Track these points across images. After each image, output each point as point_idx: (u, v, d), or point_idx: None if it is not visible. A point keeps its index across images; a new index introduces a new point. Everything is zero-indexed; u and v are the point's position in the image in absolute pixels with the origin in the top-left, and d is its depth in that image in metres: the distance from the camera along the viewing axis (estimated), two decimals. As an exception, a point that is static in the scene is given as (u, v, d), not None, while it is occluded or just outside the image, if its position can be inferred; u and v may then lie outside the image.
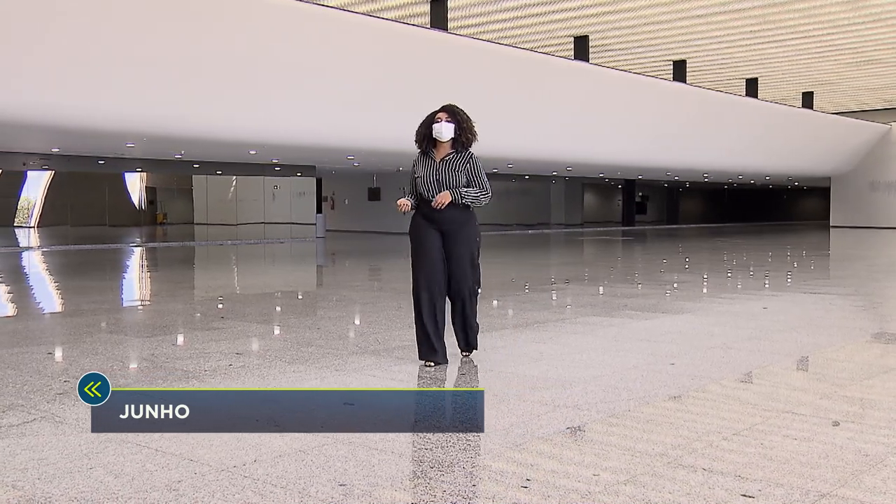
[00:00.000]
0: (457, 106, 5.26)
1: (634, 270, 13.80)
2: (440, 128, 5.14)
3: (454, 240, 5.12)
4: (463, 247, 5.14)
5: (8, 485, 2.93)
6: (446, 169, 5.15)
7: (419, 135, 5.26)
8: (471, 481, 2.99)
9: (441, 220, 5.12)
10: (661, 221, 43.62)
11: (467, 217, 5.18)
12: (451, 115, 5.19)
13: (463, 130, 5.18)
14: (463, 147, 5.22)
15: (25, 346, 5.90)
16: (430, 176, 5.17)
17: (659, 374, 4.90)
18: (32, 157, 20.12)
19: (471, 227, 5.19)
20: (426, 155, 5.24)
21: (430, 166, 5.19)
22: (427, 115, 5.30)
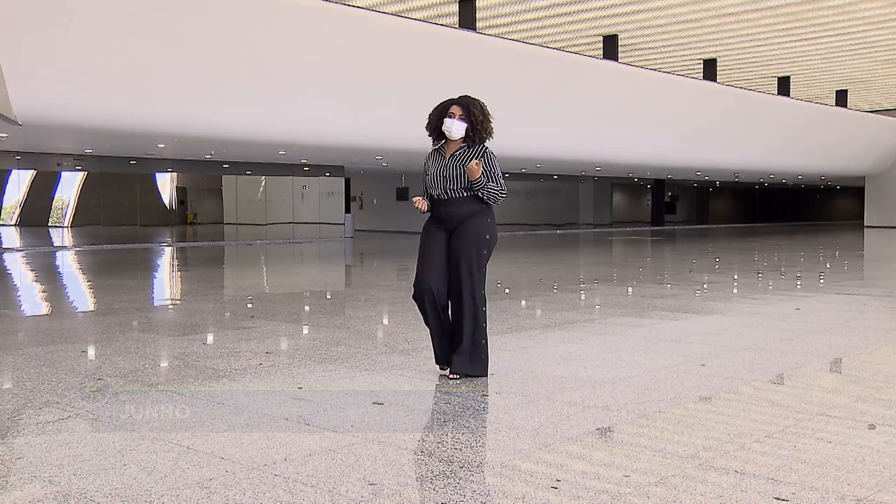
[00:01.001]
0: (474, 100, 4.76)
1: (664, 271, 13.70)
2: (451, 125, 4.69)
3: (458, 235, 4.66)
4: (467, 244, 4.63)
5: (45, 480, 2.97)
6: (456, 164, 4.69)
7: (431, 125, 4.82)
8: (500, 482, 2.99)
9: (449, 217, 4.70)
10: (690, 221, 43.26)
11: (479, 211, 4.69)
12: (465, 111, 4.70)
13: (476, 131, 4.71)
14: (474, 142, 4.76)
15: (60, 345, 5.99)
16: (439, 173, 4.73)
17: (689, 375, 4.86)
18: (66, 158, 20.42)
19: (480, 224, 4.68)
20: (437, 151, 4.85)
21: (440, 162, 4.77)
22: (441, 103, 4.82)
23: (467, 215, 4.66)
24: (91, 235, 21.51)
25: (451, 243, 4.67)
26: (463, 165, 4.64)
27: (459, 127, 4.67)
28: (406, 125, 16.57)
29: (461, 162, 4.67)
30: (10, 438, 3.56)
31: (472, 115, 4.68)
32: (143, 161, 21.26)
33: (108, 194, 22.51)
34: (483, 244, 4.65)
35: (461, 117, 4.67)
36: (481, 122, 4.70)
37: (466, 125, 4.68)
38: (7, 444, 3.49)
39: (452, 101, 4.76)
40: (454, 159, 4.72)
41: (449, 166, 4.71)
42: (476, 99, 4.75)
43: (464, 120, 4.68)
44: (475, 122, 4.68)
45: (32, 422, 3.79)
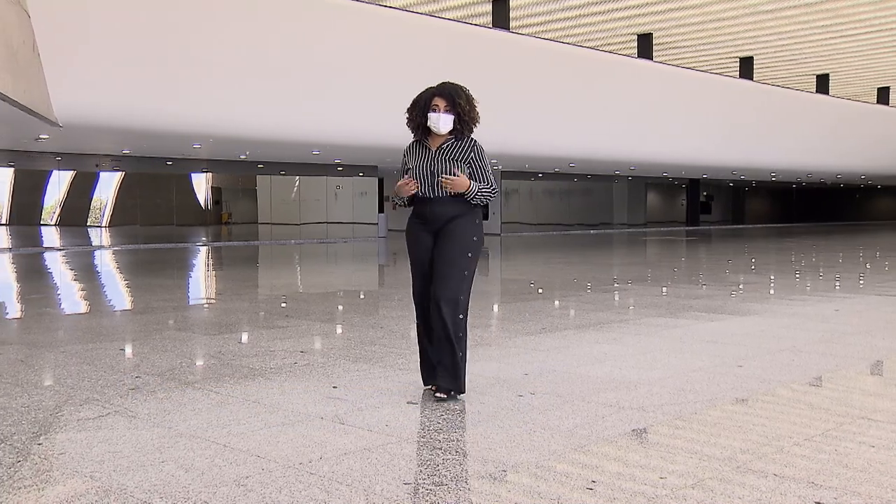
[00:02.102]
0: (456, 87, 4.30)
1: (699, 271, 13.57)
2: (437, 120, 4.23)
3: (445, 237, 4.24)
4: (452, 244, 4.20)
5: (86, 475, 3.02)
6: (444, 159, 4.26)
7: (413, 123, 4.34)
8: (535, 482, 2.97)
9: (434, 217, 4.26)
10: (726, 221, 42.80)
11: (466, 212, 4.26)
12: (449, 102, 4.24)
13: (464, 122, 4.27)
14: (462, 134, 4.33)
15: (99, 343, 6.08)
16: (424, 168, 4.28)
17: (725, 376, 4.80)
18: (104, 159, 20.73)
19: (468, 225, 4.25)
20: (419, 143, 4.38)
21: (424, 156, 4.31)
22: (419, 96, 4.33)
23: (455, 215, 4.25)
24: (128, 235, 21.82)
25: (436, 244, 4.25)
26: (451, 160, 4.25)
27: (447, 121, 4.24)
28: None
29: (450, 157, 4.26)
30: (52, 434, 3.63)
31: (458, 106, 4.24)
32: (179, 161, 21.52)
33: (144, 194, 22.82)
34: (471, 247, 4.24)
35: (447, 109, 4.23)
36: (468, 111, 4.26)
37: (453, 117, 4.25)
38: (50, 439, 3.55)
39: (433, 91, 4.29)
40: (441, 154, 4.28)
41: (436, 161, 4.27)
42: (458, 85, 4.31)
43: (450, 112, 4.24)
44: (462, 112, 4.24)
45: (73, 418, 3.85)
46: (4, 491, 2.87)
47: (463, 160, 4.28)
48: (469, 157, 4.29)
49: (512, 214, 29.10)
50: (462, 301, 4.19)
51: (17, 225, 21.27)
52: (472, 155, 4.30)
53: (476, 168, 4.29)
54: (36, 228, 21.72)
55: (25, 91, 9.63)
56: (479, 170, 4.30)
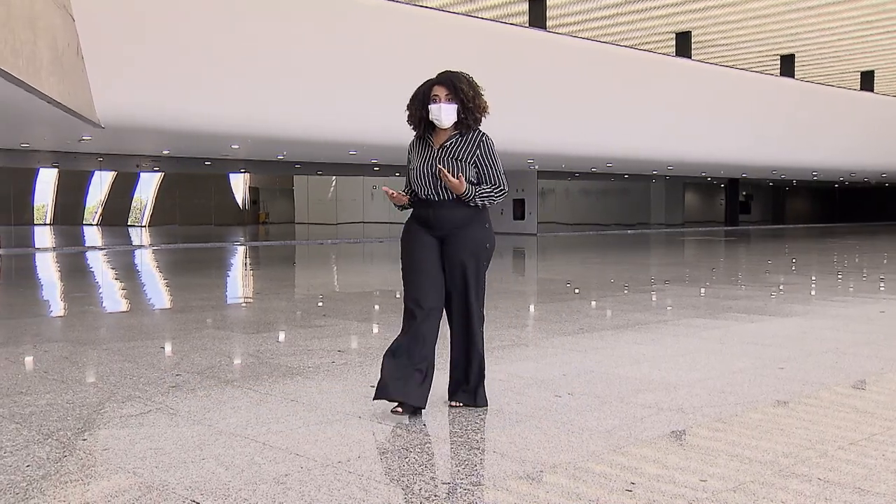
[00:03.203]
0: (458, 74, 3.92)
1: (738, 271, 13.40)
2: (438, 111, 3.84)
3: (455, 245, 3.89)
4: (465, 253, 3.88)
5: (129, 471, 3.07)
6: (447, 158, 3.89)
7: (413, 118, 3.97)
8: (574, 483, 2.96)
9: (440, 223, 3.90)
10: (766, 221, 42.22)
11: (474, 217, 3.91)
12: (451, 90, 3.85)
13: (468, 111, 3.86)
14: (468, 127, 3.92)
15: (140, 341, 6.17)
16: (426, 168, 3.91)
17: (767, 378, 4.73)
18: (145, 160, 21.04)
19: (478, 230, 3.92)
20: (422, 139, 4.01)
21: (427, 154, 3.94)
22: (419, 88, 3.95)
23: (462, 221, 3.88)
24: (167, 235, 22.12)
25: (445, 252, 3.90)
26: (455, 161, 3.86)
27: (449, 111, 3.84)
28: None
29: (454, 155, 3.87)
30: (96, 430, 3.69)
31: (461, 93, 3.84)
32: (218, 162, 21.77)
33: (183, 194, 23.12)
34: (484, 254, 3.93)
35: (448, 98, 3.83)
36: (472, 98, 3.86)
37: (457, 106, 3.85)
38: (94, 435, 3.61)
39: (431, 81, 3.92)
40: (445, 152, 3.89)
41: (438, 161, 3.89)
42: (459, 72, 3.93)
43: (452, 101, 3.84)
44: (465, 100, 3.84)
45: (116, 415, 3.91)
46: (52, 485, 2.93)
47: (468, 160, 3.88)
48: (475, 155, 3.89)
49: (548, 214, 28.99)
50: (481, 312, 3.99)
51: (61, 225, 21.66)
52: (478, 152, 3.89)
53: (484, 167, 3.90)
54: (78, 228, 22.11)
55: (70, 93, 9.81)
56: (487, 169, 3.91)
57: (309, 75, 14.38)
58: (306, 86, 14.49)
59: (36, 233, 21.30)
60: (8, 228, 19.80)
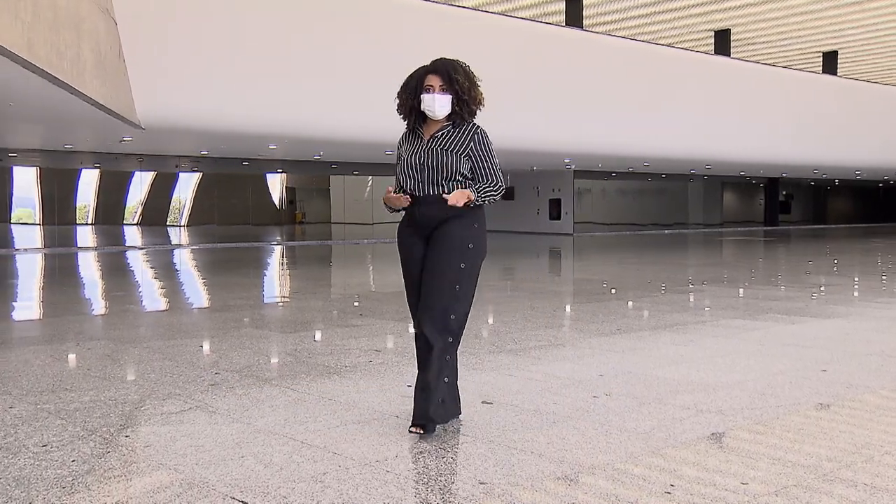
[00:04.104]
0: (454, 62, 3.65)
1: (777, 272, 13.21)
2: (431, 102, 3.56)
3: (435, 244, 3.57)
4: (441, 253, 3.53)
5: (170, 468, 3.11)
6: (437, 149, 3.57)
7: (405, 108, 3.69)
8: (612, 485, 2.93)
9: (424, 219, 3.59)
10: (806, 221, 41.55)
11: (460, 213, 3.55)
12: (446, 80, 3.57)
13: (464, 103, 3.59)
14: (462, 119, 3.63)
15: (179, 339, 6.25)
16: (414, 160, 3.60)
17: (809, 380, 4.66)
18: (184, 160, 21.30)
19: (462, 230, 3.55)
20: (413, 131, 3.71)
21: (417, 146, 3.64)
22: (410, 76, 3.68)
23: (447, 217, 3.55)
24: (205, 234, 22.37)
25: (426, 254, 3.61)
26: (445, 152, 3.56)
27: (443, 102, 3.57)
28: (512, 124, 16.55)
29: (446, 146, 3.58)
30: (137, 427, 3.74)
31: (456, 83, 3.57)
32: (255, 162, 21.98)
33: (221, 194, 23.36)
34: (464, 256, 3.53)
35: (442, 89, 3.57)
36: (468, 89, 3.59)
37: (451, 97, 3.58)
38: (136, 431, 3.67)
39: (426, 69, 3.64)
40: (435, 142, 3.60)
41: (427, 153, 3.58)
42: (455, 60, 3.67)
43: (446, 91, 3.57)
44: (461, 90, 3.57)
45: (157, 412, 3.96)
46: (96, 480, 2.98)
47: (460, 152, 3.57)
48: (468, 148, 3.58)
49: (584, 214, 28.82)
50: (452, 322, 3.52)
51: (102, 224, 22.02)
52: (471, 144, 3.58)
53: (478, 161, 3.58)
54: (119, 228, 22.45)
55: (112, 95, 9.97)
56: (481, 163, 3.59)
57: (345, 76, 14.45)
58: (342, 86, 14.56)
59: (78, 232, 21.67)
60: (52, 228, 20.17)
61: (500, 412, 3.95)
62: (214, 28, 13.00)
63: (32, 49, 6.43)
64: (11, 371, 4.97)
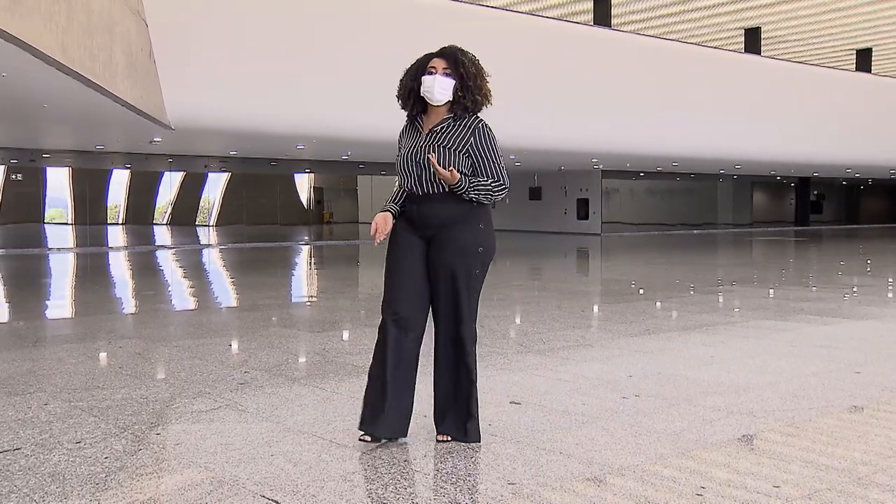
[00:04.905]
0: (463, 51, 3.40)
1: (809, 272, 13.05)
2: (431, 84, 3.30)
3: (440, 248, 3.34)
4: (452, 258, 3.32)
5: (201, 466, 3.13)
6: (435, 144, 3.33)
7: (404, 89, 3.44)
8: (642, 487, 2.91)
9: (424, 220, 3.36)
10: (838, 221, 41.04)
11: (465, 215, 3.34)
12: (451, 63, 3.33)
13: (468, 90, 3.33)
14: (465, 109, 3.37)
15: (209, 338, 6.30)
16: (411, 157, 3.37)
17: (842, 382, 4.60)
18: (213, 160, 21.49)
19: (468, 231, 3.34)
20: (413, 123, 3.48)
21: (414, 140, 3.40)
22: (416, 61, 3.44)
23: (450, 219, 3.32)
24: (234, 234, 22.54)
25: (430, 257, 3.37)
26: (444, 148, 3.31)
27: (444, 85, 3.30)
28: (541, 124, 16.51)
29: (444, 142, 3.32)
30: (168, 425, 3.78)
31: (462, 66, 3.32)
32: (283, 162, 22.12)
33: (250, 194, 23.52)
34: (475, 260, 3.34)
35: (445, 71, 3.31)
36: (474, 76, 3.33)
37: (454, 82, 3.32)
38: (166, 429, 3.70)
39: (431, 54, 3.42)
40: (434, 137, 3.35)
41: (424, 149, 3.34)
42: (465, 50, 3.42)
43: (449, 75, 3.32)
44: (466, 76, 3.31)
45: (187, 410, 4.00)
46: (128, 477, 3.01)
47: (459, 149, 3.32)
48: (468, 144, 3.32)
49: (612, 214, 28.69)
50: (472, 331, 3.40)
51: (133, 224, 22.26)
52: (472, 140, 3.32)
53: (481, 158, 3.34)
54: (149, 227, 22.69)
55: (142, 96, 10.07)
56: (484, 160, 3.34)
57: (373, 76, 14.48)
58: (370, 86, 14.59)
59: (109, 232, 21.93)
60: (83, 228, 20.43)
61: (528, 412, 3.93)
62: (243, 28, 13.10)
63: (66, 52, 6.52)
64: (46, 369, 5.04)
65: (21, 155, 18.74)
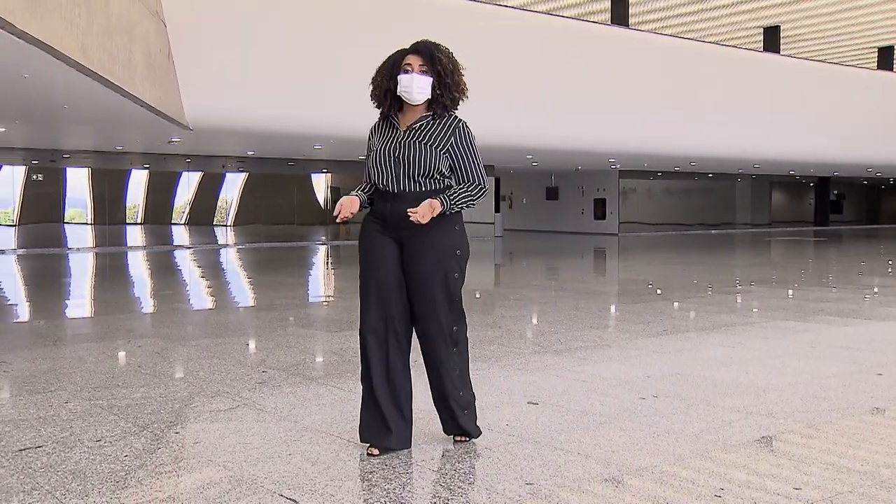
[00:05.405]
0: (438, 45, 3.31)
1: (829, 273, 12.95)
2: (409, 83, 3.22)
3: (415, 251, 3.24)
4: (430, 263, 3.23)
5: (219, 464, 3.15)
6: (415, 142, 3.24)
7: (378, 91, 3.33)
8: (661, 488, 2.90)
9: (397, 220, 3.24)
10: (859, 221, 40.64)
11: (440, 217, 3.23)
12: (427, 60, 3.24)
13: (446, 88, 3.25)
14: (444, 108, 3.29)
15: (227, 337, 6.33)
16: (387, 153, 3.27)
17: (863, 384, 4.55)
18: (230, 160, 21.58)
19: (444, 234, 3.25)
20: (387, 120, 3.37)
21: (391, 137, 3.30)
22: (389, 58, 3.34)
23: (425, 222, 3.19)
24: (252, 234, 22.62)
25: (405, 261, 3.26)
26: (423, 146, 3.23)
27: (422, 85, 3.21)
28: (558, 124, 16.48)
29: (424, 140, 3.24)
30: (187, 424, 3.80)
31: (439, 64, 3.23)
32: (301, 162, 22.17)
33: (267, 194, 23.58)
34: (453, 263, 3.27)
35: (422, 69, 3.22)
36: (451, 73, 3.25)
37: (432, 79, 3.23)
38: (185, 428, 3.72)
39: (405, 50, 3.31)
40: (412, 135, 3.26)
41: (404, 145, 3.25)
42: (438, 44, 3.33)
43: (426, 73, 3.23)
44: (443, 73, 3.23)
45: (206, 409, 4.01)
46: (147, 475, 3.03)
47: (439, 147, 3.24)
48: (449, 144, 3.25)
49: (629, 214, 28.55)
50: (458, 333, 3.32)
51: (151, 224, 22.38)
52: (452, 140, 3.25)
53: (461, 160, 3.27)
54: (167, 227, 22.80)
55: (161, 97, 10.13)
56: (462, 161, 3.27)
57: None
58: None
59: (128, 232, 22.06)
60: (102, 228, 20.58)
61: (546, 412, 3.93)
62: (261, 28, 13.15)
63: (86, 53, 6.57)
64: (66, 367, 5.08)
65: (41, 156, 18.90)
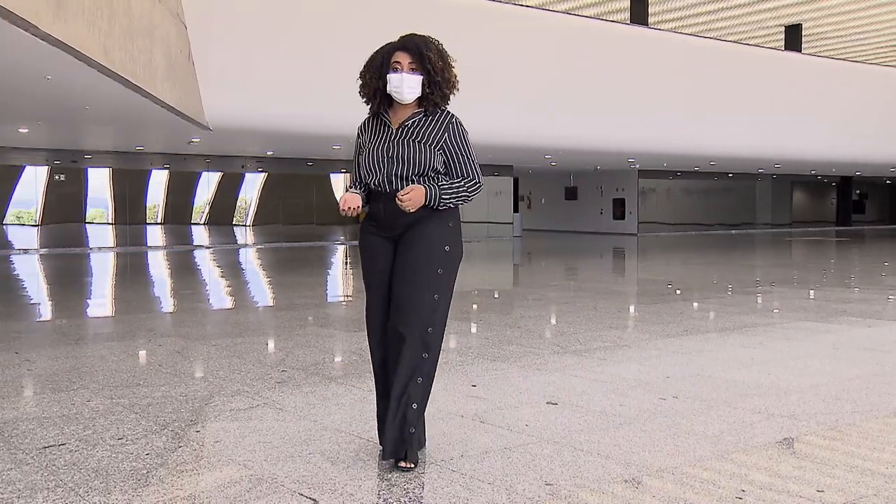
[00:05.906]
0: (425, 39, 3.21)
1: (851, 273, 12.83)
2: (399, 83, 3.13)
3: (406, 248, 3.16)
4: (416, 253, 3.13)
5: (240, 464, 3.16)
6: (408, 140, 3.17)
7: (367, 89, 3.25)
8: (681, 489, 2.88)
9: (391, 218, 3.16)
10: (881, 221, 40.24)
11: (435, 211, 3.15)
12: (416, 58, 3.14)
13: (436, 85, 3.17)
14: (435, 105, 3.22)
15: (246, 337, 6.36)
16: (380, 151, 3.19)
17: (888, 386, 4.51)
18: (250, 161, 21.69)
19: (435, 231, 3.15)
20: (378, 117, 3.29)
21: (383, 135, 3.21)
22: (376, 52, 3.25)
23: (418, 217, 3.13)
24: (271, 234, 22.71)
25: (395, 254, 3.19)
26: (417, 143, 3.15)
27: (413, 83, 3.14)
28: (577, 124, 16.44)
29: (417, 137, 3.16)
30: (207, 422, 3.82)
31: (428, 61, 3.14)
32: (319, 162, 22.24)
33: (286, 194, 23.66)
34: (441, 261, 3.15)
35: (411, 67, 3.14)
36: (441, 69, 3.18)
37: (422, 78, 3.15)
38: (206, 427, 3.74)
39: (393, 45, 3.21)
40: (405, 132, 3.19)
41: (397, 143, 3.17)
42: (427, 37, 3.23)
43: (416, 71, 3.15)
44: (433, 70, 3.15)
45: (226, 408, 4.04)
46: (168, 473, 3.05)
47: (433, 144, 3.16)
48: (444, 140, 3.18)
49: (649, 214, 28.43)
50: (431, 336, 3.10)
51: (171, 224, 22.52)
52: (446, 136, 3.19)
53: (455, 155, 3.19)
54: (187, 227, 22.94)
55: (181, 98, 10.20)
56: (457, 157, 3.19)
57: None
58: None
59: (148, 231, 22.22)
60: (123, 227, 20.74)
61: (565, 413, 3.92)
62: (281, 29, 13.21)
63: (108, 55, 6.62)
64: (88, 366, 5.13)
65: (63, 156, 19.08)
